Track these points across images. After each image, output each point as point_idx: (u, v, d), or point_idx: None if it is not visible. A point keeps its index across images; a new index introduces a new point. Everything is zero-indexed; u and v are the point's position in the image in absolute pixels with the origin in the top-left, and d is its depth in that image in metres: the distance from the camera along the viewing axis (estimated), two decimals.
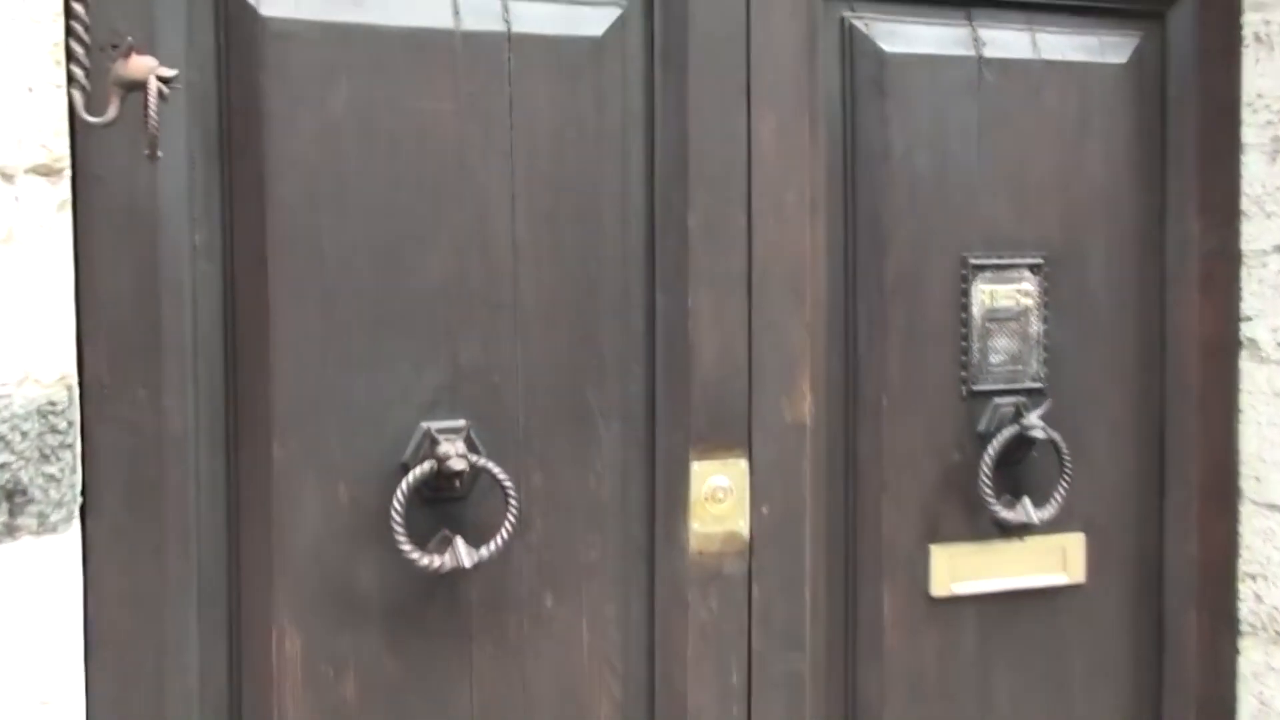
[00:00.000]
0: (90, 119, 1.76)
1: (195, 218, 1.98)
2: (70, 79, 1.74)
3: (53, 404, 1.69)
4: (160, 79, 1.76)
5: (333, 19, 2.02)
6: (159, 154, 1.76)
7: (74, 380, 1.77)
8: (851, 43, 2.34)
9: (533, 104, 2.13)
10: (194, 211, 1.98)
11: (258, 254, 1.99)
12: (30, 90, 1.67)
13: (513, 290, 2.13)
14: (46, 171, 1.70)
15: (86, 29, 1.76)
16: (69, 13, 1.74)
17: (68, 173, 1.73)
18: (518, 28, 2.12)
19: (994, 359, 2.43)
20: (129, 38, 1.77)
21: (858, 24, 2.34)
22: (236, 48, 1.98)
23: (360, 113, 2.03)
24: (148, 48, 1.84)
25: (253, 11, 1.97)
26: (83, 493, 1.84)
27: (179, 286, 1.96)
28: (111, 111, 1.77)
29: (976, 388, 2.42)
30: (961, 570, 2.43)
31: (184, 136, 1.95)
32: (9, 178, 1.65)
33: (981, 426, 2.42)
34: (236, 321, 2.01)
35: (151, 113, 1.73)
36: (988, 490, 2.37)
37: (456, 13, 2.09)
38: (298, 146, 2.00)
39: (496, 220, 2.11)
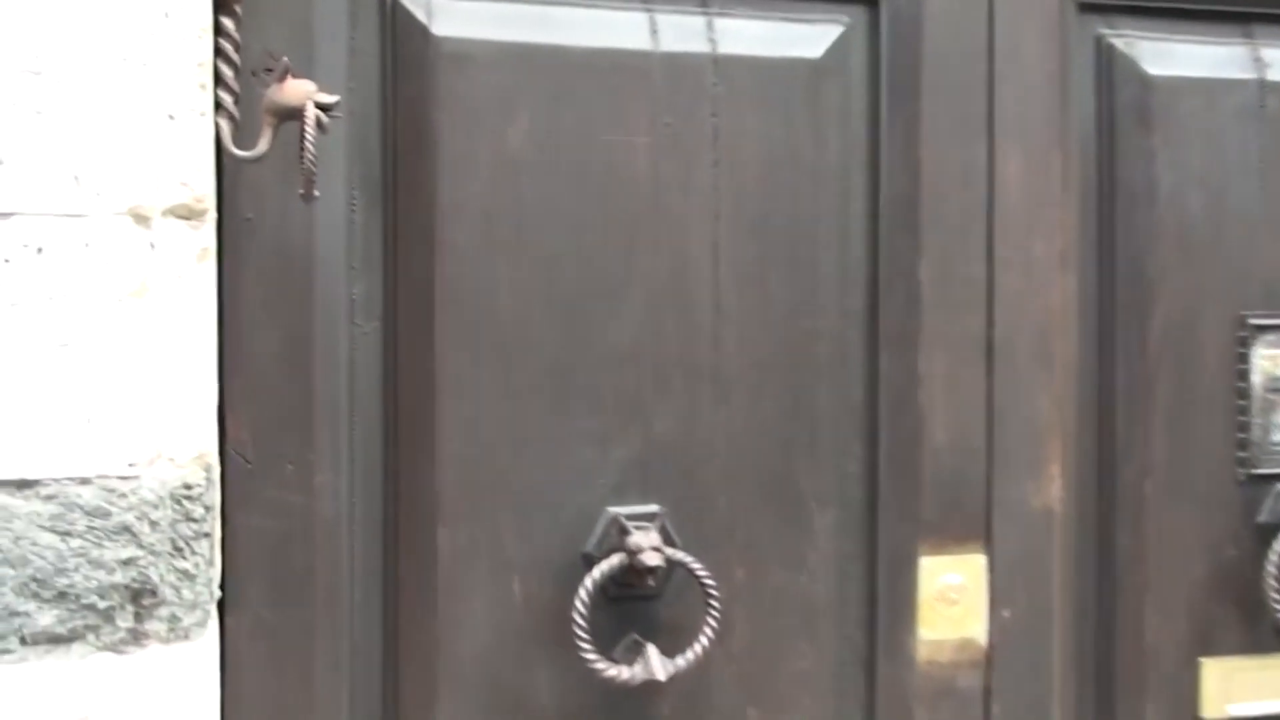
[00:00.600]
0: (238, 153, 1.50)
1: (354, 267, 1.71)
2: (217, 105, 1.49)
3: (189, 487, 1.43)
4: (320, 106, 1.51)
5: (514, 39, 1.74)
6: (315, 194, 1.50)
7: (214, 458, 1.51)
8: (1110, 65, 1.99)
9: (740, 137, 1.82)
10: (353, 260, 1.71)
11: (425, 310, 1.72)
12: (171, 118, 1.42)
13: (714, 353, 1.82)
14: (187, 213, 1.44)
15: (237, 48, 1.51)
16: (217, 29, 1.49)
17: (211, 215, 1.48)
18: (724, 48, 1.82)
19: (1277, 437, 2.04)
20: (284, 59, 1.51)
21: (1117, 43, 1.99)
22: (404, 71, 1.71)
23: (543, 147, 1.75)
24: (305, 71, 1.58)
25: (423, 30, 1.71)
26: (220, 587, 1.57)
27: (334, 347, 1.69)
28: (263, 144, 1.51)
29: (1256, 471, 2.03)
30: (1238, 689, 2.04)
31: (343, 173, 1.69)
32: (144, 220, 1.40)
33: (1263, 517, 2.03)
34: (399, 388, 1.73)
35: (308, 145, 1.47)
36: (1273, 594, 1.98)
37: (654, 31, 1.80)
38: (472, 185, 1.72)
39: (696, 271, 1.81)
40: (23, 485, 1.34)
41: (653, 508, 1.79)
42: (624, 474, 1.79)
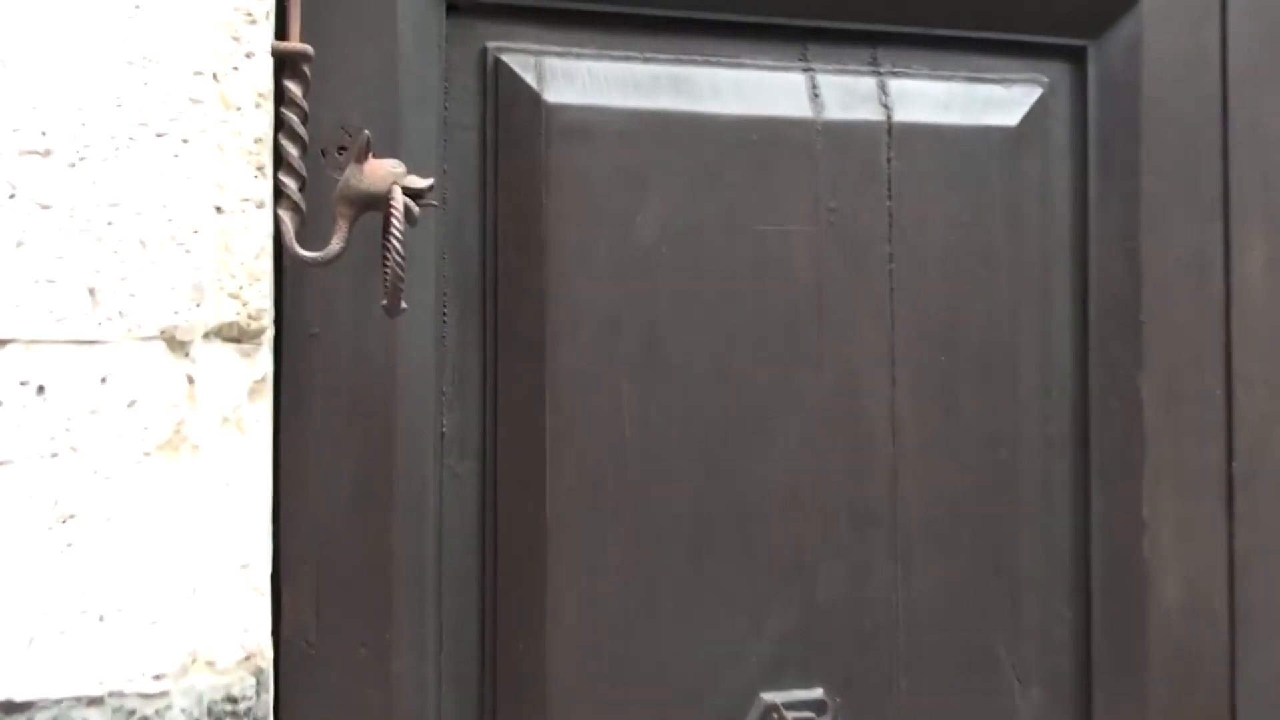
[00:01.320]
0: (305, 254, 1.16)
1: (446, 394, 1.36)
2: (278, 194, 1.15)
3: (234, 701, 1.07)
4: (409, 193, 1.16)
5: (644, 106, 1.40)
6: (403, 305, 1.15)
7: (267, 654, 1.14)
8: None
9: (920, 224, 1.47)
10: (444, 384, 1.36)
11: (533, 446, 1.36)
12: (219, 211, 1.08)
13: (890, 494, 1.45)
14: (239, 335, 1.10)
15: (304, 120, 1.17)
16: (280, 97, 1.15)
17: (269, 335, 1.13)
18: (901, 115, 1.47)
19: None
20: (365, 132, 1.17)
21: None
22: (510, 148, 1.37)
23: (680, 239, 1.40)
24: (387, 149, 1.24)
25: (533, 98, 1.36)
26: None
27: (420, 495, 1.33)
28: (336, 242, 1.17)
29: None
30: None
31: (432, 276, 1.34)
32: (180, 347, 1.05)
33: None
34: (499, 546, 1.37)
35: (395, 243, 1.13)
36: None
37: (816, 96, 1.45)
38: (593, 288, 1.37)
39: (869, 391, 1.45)
40: (10, 709, 0.98)
41: (817, 693, 1.42)
42: (780, 649, 1.41)
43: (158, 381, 1.03)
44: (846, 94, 1.46)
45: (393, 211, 1.14)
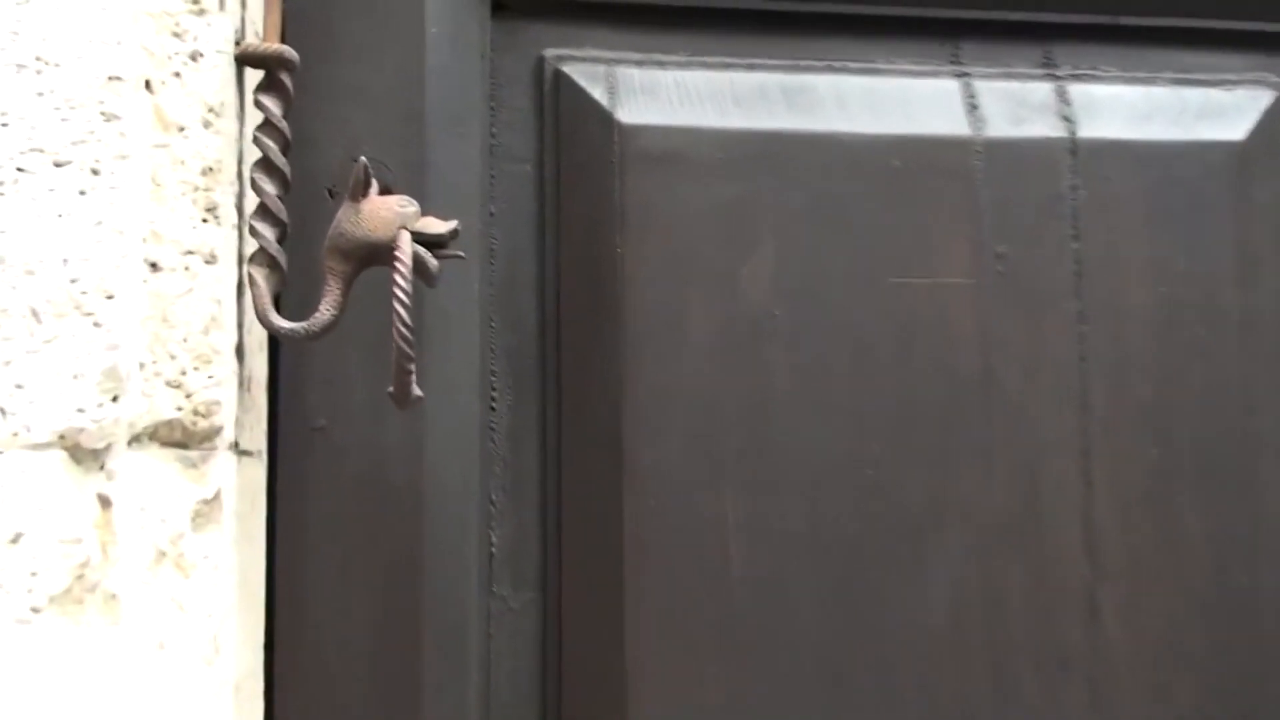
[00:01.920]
0: (282, 325, 0.86)
1: (494, 505, 1.05)
2: (253, 257, 0.85)
3: None
4: (423, 239, 0.85)
5: (747, 127, 1.08)
6: (415, 391, 0.84)
7: None
8: None
9: (1117, 271, 1.11)
10: (491, 492, 1.04)
11: (608, 573, 1.04)
12: (153, 269, 0.78)
13: (1086, 631, 1.09)
14: (181, 438, 0.80)
15: (284, 147, 0.87)
16: (245, 111, 0.86)
17: (225, 437, 0.83)
18: (1088, 130, 1.12)
19: None
20: (361, 160, 0.86)
21: None
22: (575, 183, 1.06)
23: (798, 298, 1.07)
24: (406, 182, 0.94)
25: (604, 118, 1.06)
26: None
27: (458, 639, 1.02)
28: (326, 308, 0.86)
29: None
30: None
31: (475, 350, 1.03)
32: (90, 458, 0.76)
33: None
34: (563, 702, 1.04)
35: (399, 310, 0.81)
36: None
37: (973, 108, 1.11)
38: (684, 364, 1.05)
39: (1054, 496, 1.09)
40: None
41: None
42: None
43: (54, 506, 0.73)
44: (1014, 104, 1.12)
45: (397, 266, 0.83)
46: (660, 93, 1.08)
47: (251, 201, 0.88)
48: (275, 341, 0.99)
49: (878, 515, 1.06)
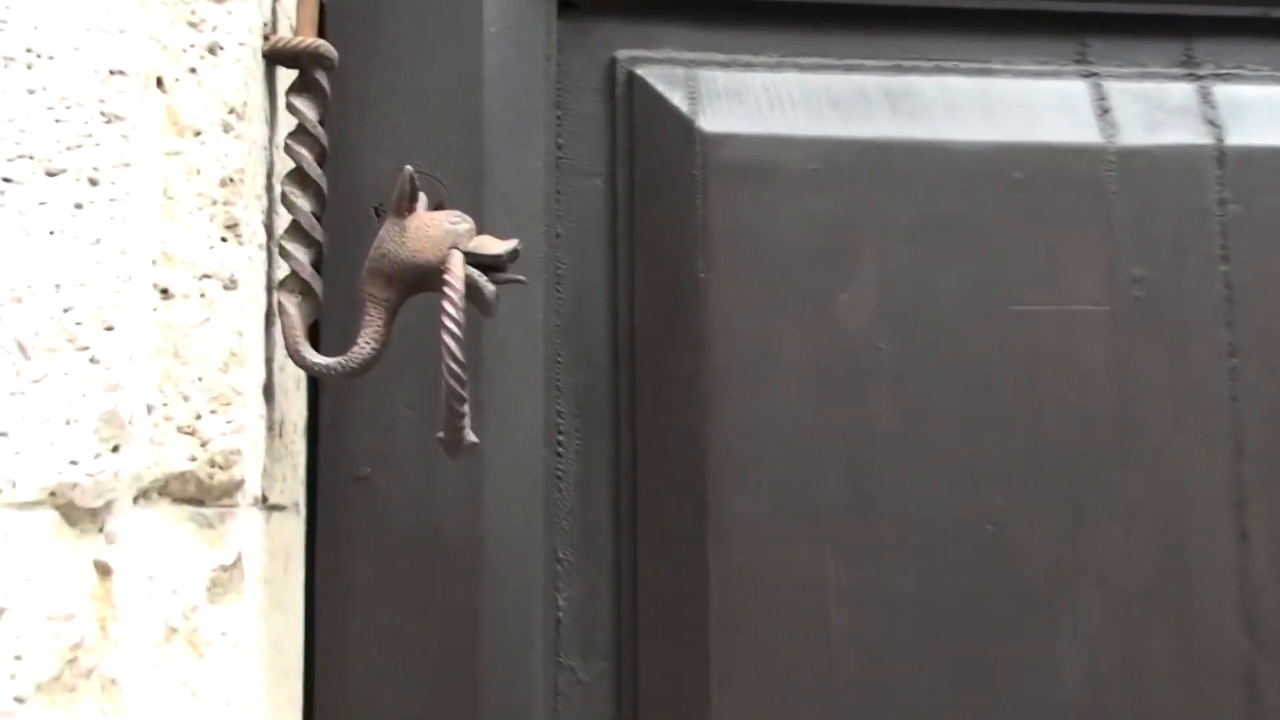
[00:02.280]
0: (316, 360, 0.74)
1: (562, 563, 0.93)
2: (283, 282, 0.74)
3: None
4: (477, 261, 0.73)
5: (846, 135, 0.95)
6: (470, 437, 0.72)
7: None
8: None
9: (1273, 292, 0.97)
10: (559, 548, 0.93)
11: (692, 641, 0.91)
12: (164, 295, 0.67)
13: (1246, 710, 0.94)
14: (195, 493, 0.68)
15: (320, 157, 0.76)
16: (275, 117, 0.75)
17: (248, 491, 0.71)
18: (1238, 136, 0.98)
19: None
20: (407, 168, 0.75)
21: None
22: (651, 199, 0.94)
23: (905, 327, 0.94)
24: (460, 198, 0.83)
25: (684, 125, 0.94)
26: None
27: (521, 715, 0.89)
28: (366, 341, 0.74)
29: None
30: None
31: (540, 388, 0.91)
32: (86, 518, 0.64)
33: None
34: None
35: (449, 342, 0.70)
36: None
37: (1104, 112, 0.98)
38: (776, 405, 0.92)
39: (1206, 556, 0.95)
40: None
41: None
42: None
43: (43, 575, 0.62)
44: (1151, 107, 0.98)
45: (447, 291, 0.71)
46: (747, 97, 0.95)
47: (282, 220, 0.76)
48: (314, 380, 0.87)
49: (999, 577, 0.92)
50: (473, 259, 0.74)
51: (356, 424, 0.88)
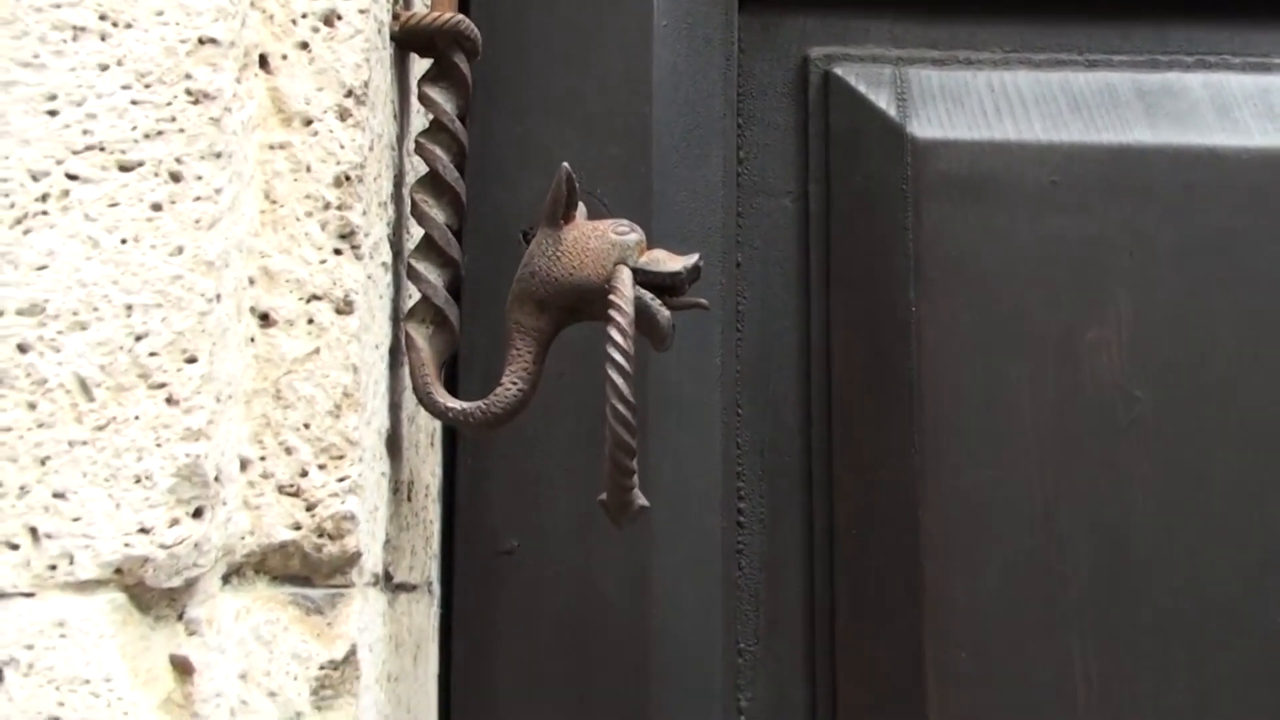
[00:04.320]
0: (449, 405, 0.60)
1: (744, 655, 0.77)
2: (412, 310, 0.60)
3: None
4: (649, 281, 0.58)
5: (1084, 141, 0.78)
6: (640, 500, 0.57)
7: None
8: None
9: None
10: (739, 639, 0.76)
11: None
12: (263, 322, 0.53)
13: None
14: (301, 571, 0.54)
15: (458, 154, 0.62)
16: (428, 111, 0.62)
17: (368, 567, 0.56)
18: None
19: None
20: (564, 165, 0.60)
21: None
22: (853, 216, 0.79)
23: (1166, 368, 0.77)
24: (640, 215, 0.68)
25: (892, 132, 0.78)
26: None
27: None
28: (513, 381, 0.60)
29: None
30: None
31: (718, 442, 0.77)
32: (160, 602, 0.50)
33: None
34: None
35: (616, 379, 0.55)
36: None
37: None
38: (1006, 458, 0.76)
39: None
40: None
41: None
42: None
43: (106, 674, 0.49)
44: None
45: (613, 315, 0.56)
46: (967, 99, 0.80)
47: (413, 237, 0.63)
48: (451, 432, 0.73)
49: None
50: (643, 278, 0.59)
51: (501, 487, 0.74)
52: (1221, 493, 0.75)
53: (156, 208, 0.51)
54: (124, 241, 0.51)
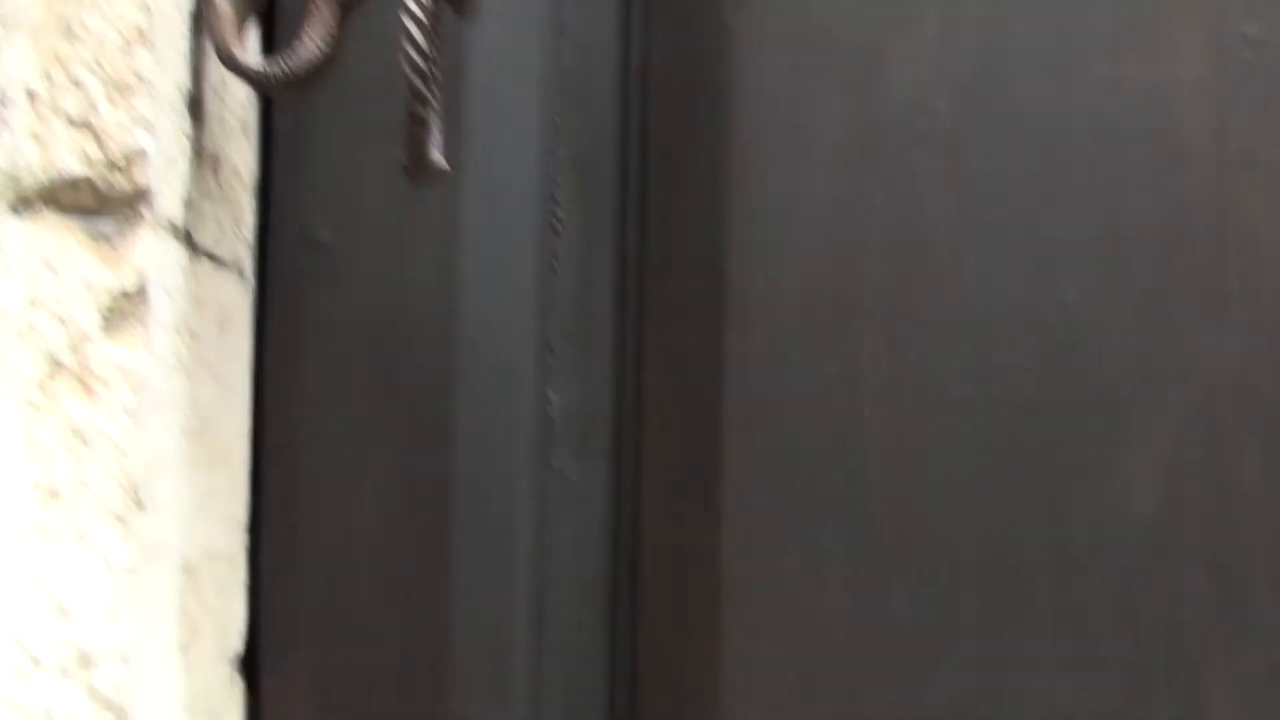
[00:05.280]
0: (251, 66, 0.61)
1: (554, 352, 0.82)
2: None
3: None
4: None
5: None
6: (437, 159, 0.59)
7: None
8: None
9: None
10: (551, 333, 0.81)
11: (703, 434, 0.80)
12: None
13: None
14: (89, 203, 0.57)
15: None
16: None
17: (162, 211, 0.58)
18: None
19: None
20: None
21: None
22: None
23: (966, 83, 0.80)
24: None
25: None
26: None
27: (502, 522, 0.80)
28: (313, 40, 0.62)
29: None
30: None
31: (534, 154, 0.81)
32: None
33: None
34: (639, 602, 0.81)
35: (412, 27, 0.56)
36: None
37: None
38: (809, 170, 0.80)
39: None
40: None
41: None
42: None
43: None
44: None
45: None
46: None
47: None
48: (267, 129, 0.74)
49: (1065, 374, 0.78)
50: None
51: (317, 180, 0.76)
52: (1009, 200, 0.79)
53: None
54: None
